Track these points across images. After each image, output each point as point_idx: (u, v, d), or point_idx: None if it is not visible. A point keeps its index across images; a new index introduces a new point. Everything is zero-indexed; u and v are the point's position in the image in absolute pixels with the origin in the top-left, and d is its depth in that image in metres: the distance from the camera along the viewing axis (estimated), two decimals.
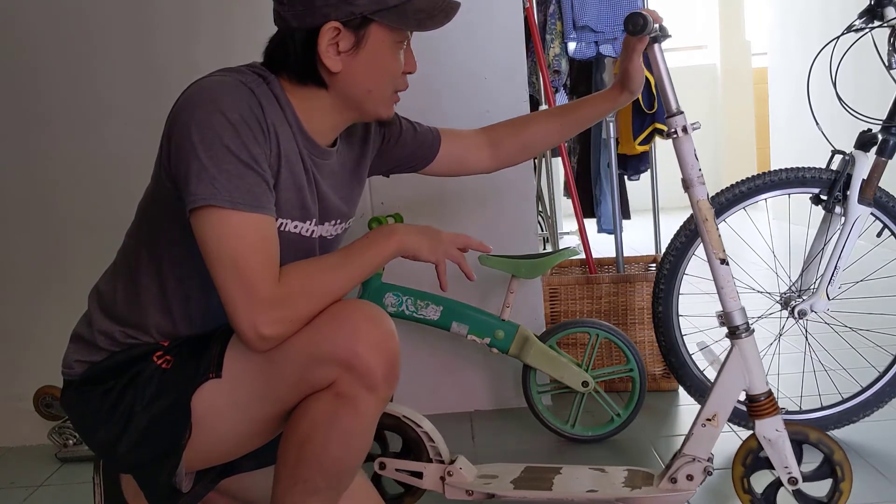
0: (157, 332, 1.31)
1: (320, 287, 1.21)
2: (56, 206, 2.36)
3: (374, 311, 1.23)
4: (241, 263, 1.15)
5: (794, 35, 5.64)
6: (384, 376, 1.20)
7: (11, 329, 2.39)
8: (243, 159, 1.17)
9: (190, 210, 1.17)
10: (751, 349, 1.52)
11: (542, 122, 1.67)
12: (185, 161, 1.17)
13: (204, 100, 1.19)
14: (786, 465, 1.52)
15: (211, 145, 1.16)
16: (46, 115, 2.33)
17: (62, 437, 2.25)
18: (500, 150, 1.67)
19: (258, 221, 1.18)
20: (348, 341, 1.18)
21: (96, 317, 1.34)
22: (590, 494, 1.58)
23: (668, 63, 1.55)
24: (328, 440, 1.21)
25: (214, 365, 1.24)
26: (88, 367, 1.31)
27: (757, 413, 1.52)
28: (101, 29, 2.31)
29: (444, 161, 1.64)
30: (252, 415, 1.26)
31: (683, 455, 1.55)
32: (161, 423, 1.25)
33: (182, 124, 1.18)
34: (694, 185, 1.51)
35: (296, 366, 1.20)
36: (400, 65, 1.31)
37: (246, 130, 1.18)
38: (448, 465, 1.66)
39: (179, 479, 1.29)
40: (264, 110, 1.22)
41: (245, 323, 1.16)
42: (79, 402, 1.32)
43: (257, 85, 1.25)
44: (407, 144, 1.58)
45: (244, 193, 1.16)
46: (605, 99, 1.61)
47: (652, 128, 2.86)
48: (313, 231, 1.35)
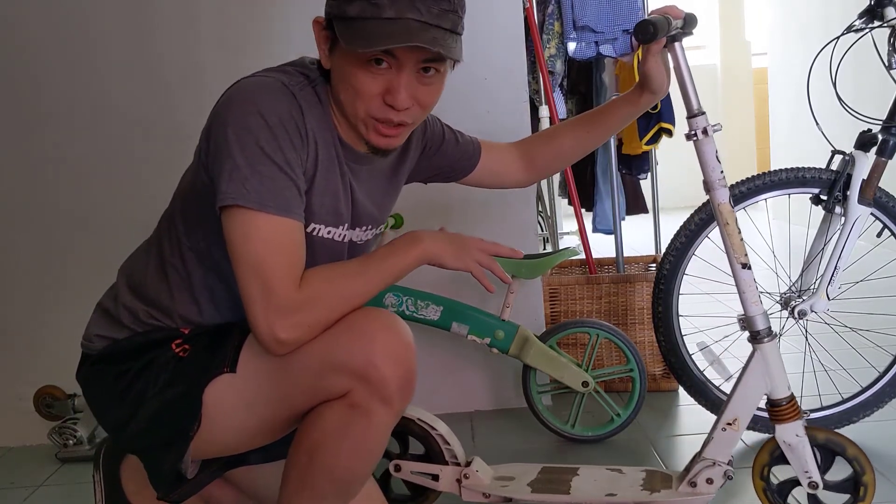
0: (180, 318, 1.31)
1: (340, 293, 1.20)
2: (57, 207, 2.36)
3: (392, 321, 1.21)
4: (264, 265, 1.15)
5: (794, 35, 5.64)
6: (399, 389, 1.19)
7: (12, 329, 2.39)
8: (277, 162, 1.17)
9: (220, 208, 1.17)
10: (773, 354, 1.51)
11: (572, 131, 1.64)
12: (220, 158, 1.17)
13: (244, 99, 1.19)
14: (805, 469, 1.50)
15: (246, 145, 1.16)
16: (47, 115, 2.33)
17: (62, 437, 2.25)
18: (533, 163, 1.66)
19: (285, 225, 1.17)
20: (365, 352, 1.17)
21: (123, 292, 1.34)
22: (609, 498, 1.56)
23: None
24: (339, 450, 1.20)
25: (230, 359, 1.24)
26: (108, 344, 1.31)
27: (778, 418, 1.50)
28: (101, 29, 2.31)
29: (481, 173, 1.63)
30: (262, 414, 1.26)
31: (703, 459, 1.54)
32: (171, 411, 1.25)
33: (221, 122, 1.19)
34: (715, 188, 1.49)
35: (310, 373, 1.19)
36: (373, 87, 1.20)
37: (283, 134, 1.18)
38: (464, 468, 1.65)
39: (185, 466, 1.28)
40: (304, 115, 1.22)
41: (262, 325, 1.15)
42: (93, 379, 1.33)
43: (301, 88, 1.24)
44: (448, 154, 1.57)
45: (274, 196, 1.16)
46: (628, 102, 1.57)
47: (657, 127, 2.85)
48: (346, 235, 1.35)
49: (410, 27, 1.14)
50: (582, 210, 2.81)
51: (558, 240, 3.15)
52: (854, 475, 1.52)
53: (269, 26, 2.29)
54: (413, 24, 1.15)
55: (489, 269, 1.37)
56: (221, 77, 1.26)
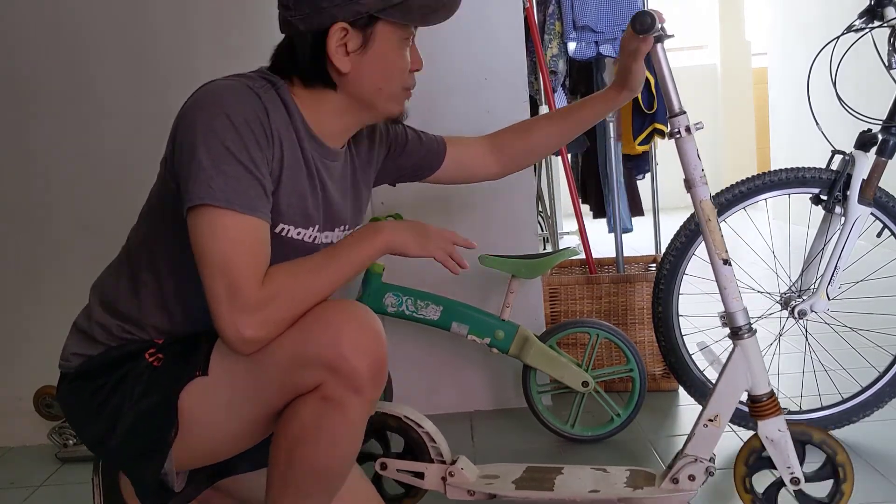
0: (153, 330, 1.31)
1: (305, 288, 1.21)
2: (54, 206, 2.36)
3: (359, 311, 1.22)
4: (229, 264, 1.15)
5: (794, 35, 5.64)
6: (370, 378, 1.19)
7: (11, 329, 2.39)
8: (243, 161, 1.18)
9: (186, 209, 1.18)
10: (753, 350, 1.52)
11: (544, 125, 1.69)
12: (186, 160, 1.18)
13: (210, 102, 1.20)
14: (788, 465, 1.51)
15: (212, 146, 1.17)
16: (44, 115, 2.33)
17: (62, 437, 2.25)
18: (504, 155, 1.68)
19: (250, 224, 1.18)
20: (333, 344, 1.17)
21: (95, 310, 1.35)
22: (592, 495, 1.58)
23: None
24: (317, 444, 1.21)
25: (202, 363, 1.25)
26: (84, 361, 1.32)
27: (759, 413, 1.52)
28: (98, 30, 2.31)
29: (449, 169, 1.65)
30: (239, 415, 1.26)
31: (685, 455, 1.55)
32: (148, 421, 1.25)
33: (187, 125, 1.20)
34: (696, 186, 1.51)
35: (281, 368, 1.20)
36: (407, 62, 1.32)
37: (248, 134, 1.19)
38: (450, 466, 1.66)
39: (171, 478, 1.28)
40: (269, 116, 1.23)
41: (228, 324, 1.16)
42: (71, 397, 1.33)
43: (265, 90, 1.25)
44: (413, 154, 1.59)
45: (240, 195, 1.17)
46: (605, 98, 1.62)
47: (651, 128, 2.86)
48: (316, 237, 1.35)
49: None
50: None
51: (558, 240, 3.15)
52: (828, 459, 1.54)
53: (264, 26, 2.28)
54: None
55: (451, 257, 1.41)
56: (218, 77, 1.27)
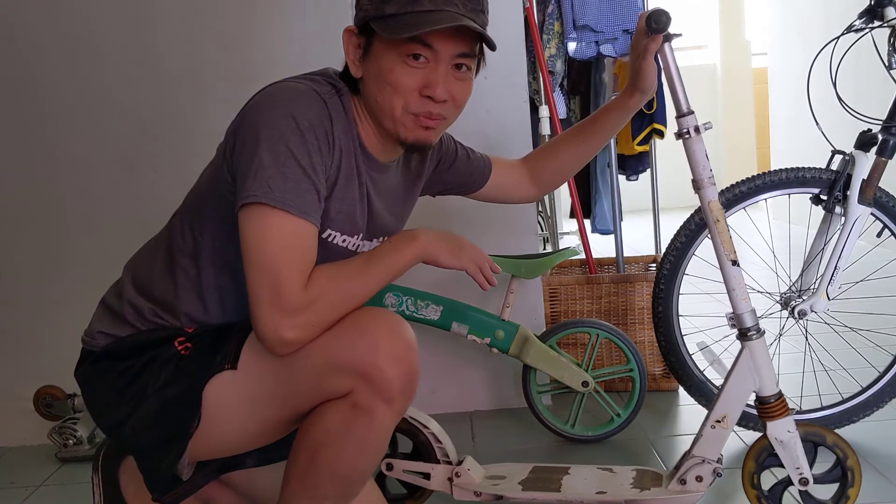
0: (185, 317, 1.31)
1: (344, 293, 1.21)
2: (57, 206, 2.36)
3: (395, 321, 1.22)
4: (277, 264, 1.16)
5: (795, 35, 5.64)
6: (402, 389, 1.19)
7: (12, 329, 2.39)
8: (303, 165, 1.18)
9: (241, 205, 1.18)
10: (761, 351, 1.51)
11: (568, 144, 1.67)
12: (247, 157, 1.19)
13: (277, 102, 1.21)
14: (797, 465, 1.51)
15: (275, 146, 1.18)
16: (47, 114, 2.33)
17: (62, 437, 2.25)
18: (539, 178, 1.70)
19: (302, 227, 1.18)
20: (368, 352, 1.17)
21: (128, 289, 1.34)
22: (599, 496, 1.57)
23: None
24: (342, 450, 1.20)
25: (231, 356, 1.24)
26: (111, 342, 1.31)
27: (768, 415, 1.51)
28: (102, 28, 2.31)
29: (491, 188, 1.67)
30: (263, 413, 1.26)
31: (693, 456, 1.54)
32: (171, 409, 1.25)
33: (251, 122, 1.20)
34: (705, 186, 1.50)
35: (313, 372, 1.19)
36: (411, 82, 1.24)
37: (312, 138, 1.20)
38: (456, 466, 1.66)
39: (181, 467, 1.28)
40: (333, 123, 1.24)
41: (268, 324, 1.16)
42: (94, 377, 1.32)
43: (330, 96, 1.26)
44: (459, 171, 1.61)
45: (296, 198, 1.17)
46: (619, 105, 1.60)
47: (650, 128, 2.86)
48: (359, 245, 1.36)
49: (452, 15, 1.21)
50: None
51: (558, 240, 3.15)
52: (838, 462, 1.54)
53: (269, 26, 2.29)
54: (454, 13, 1.22)
55: (481, 272, 1.42)
56: (223, 77, 1.26)
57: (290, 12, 2.28)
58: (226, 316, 1.32)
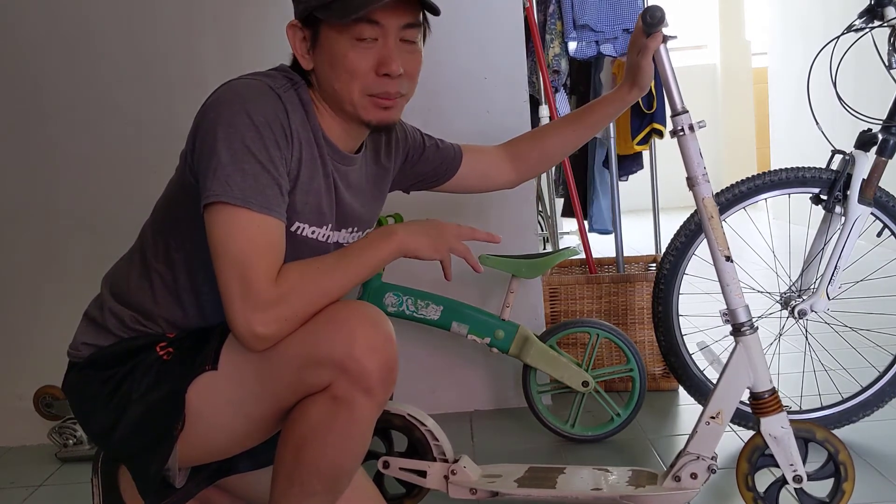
0: (165, 323, 1.32)
1: (318, 288, 1.21)
2: (56, 206, 2.36)
3: (372, 312, 1.22)
4: (244, 261, 1.16)
5: (794, 35, 5.64)
6: (381, 380, 1.19)
7: (12, 329, 2.39)
8: (261, 160, 1.19)
9: (204, 205, 1.19)
10: (755, 347, 1.53)
11: (558, 130, 1.69)
12: (206, 157, 1.19)
13: (232, 100, 1.22)
14: (791, 462, 1.51)
15: (232, 144, 1.18)
16: (47, 114, 2.33)
17: (62, 437, 2.25)
18: (520, 162, 1.70)
19: (266, 222, 1.19)
20: (345, 344, 1.18)
21: (108, 299, 1.35)
22: (594, 493, 1.58)
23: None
24: (325, 444, 1.21)
25: (212, 357, 1.25)
26: (94, 351, 1.32)
27: (762, 410, 1.52)
28: (102, 28, 2.31)
29: (466, 176, 1.67)
30: (247, 412, 1.27)
31: (688, 453, 1.55)
32: (155, 413, 1.26)
33: (208, 122, 1.21)
34: (699, 183, 1.52)
35: (292, 367, 1.20)
36: (364, 63, 1.25)
37: (268, 133, 1.20)
38: (452, 464, 1.66)
39: (173, 474, 1.29)
40: (289, 116, 1.25)
41: (241, 320, 1.16)
42: (79, 386, 1.33)
43: (285, 90, 1.27)
44: (429, 161, 1.61)
45: (257, 194, 1.18)
46: (615, 99, 1.63)
47: (650, 128, 2.86)
48: (329, 236, 1.36)
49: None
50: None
51: (558, 240, 3.15)
52: (830, 457, 1.54)
53: (267, 26, 2.29)
54: None
55: (463, 257, 1.39)
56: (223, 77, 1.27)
57: (290, 13, 2.28)
58: (205, 319, 1.32)
